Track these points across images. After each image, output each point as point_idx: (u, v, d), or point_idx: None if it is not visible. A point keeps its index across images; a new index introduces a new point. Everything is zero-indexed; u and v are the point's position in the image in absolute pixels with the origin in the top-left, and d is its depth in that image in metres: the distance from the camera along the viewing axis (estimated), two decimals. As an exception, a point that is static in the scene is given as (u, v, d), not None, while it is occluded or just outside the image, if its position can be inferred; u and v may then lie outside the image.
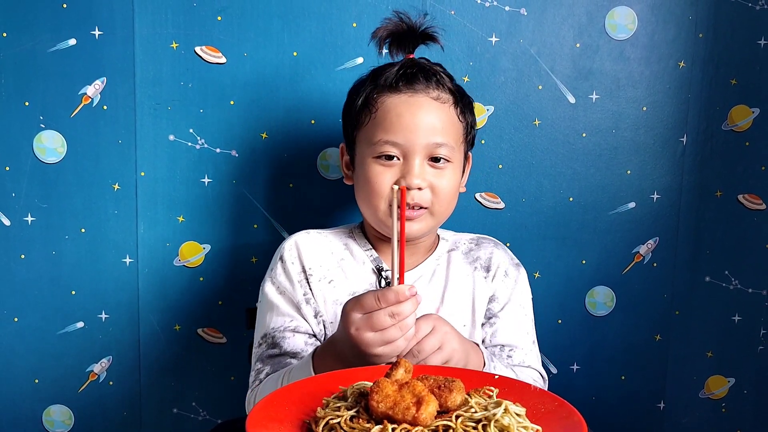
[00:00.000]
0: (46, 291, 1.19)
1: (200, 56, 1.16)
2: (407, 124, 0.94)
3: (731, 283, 1.27)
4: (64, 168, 1.17)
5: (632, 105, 1.22)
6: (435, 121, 0.95)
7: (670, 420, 1.30)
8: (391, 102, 0.95)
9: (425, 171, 0.95)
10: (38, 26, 1.14)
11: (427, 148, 0.94)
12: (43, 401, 1.22)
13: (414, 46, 1.00)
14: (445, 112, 0.96)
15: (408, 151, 0.94)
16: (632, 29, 1.20)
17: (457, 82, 1.00)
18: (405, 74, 0.96)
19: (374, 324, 0.77)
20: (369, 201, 0.97)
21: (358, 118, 0.98)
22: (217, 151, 1.18)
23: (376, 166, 0.95)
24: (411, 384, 0.65)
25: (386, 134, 0.94)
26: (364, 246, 1.03)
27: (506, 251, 1.07)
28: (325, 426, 0.66)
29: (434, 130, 0.94)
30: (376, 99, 0.96)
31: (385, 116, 0.95)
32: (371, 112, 0.96)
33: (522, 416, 0.66)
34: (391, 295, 0.77)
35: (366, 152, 0.96)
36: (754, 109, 1.23)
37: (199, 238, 1.20)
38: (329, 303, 1.00)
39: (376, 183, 0.95)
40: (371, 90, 0.97)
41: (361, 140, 0.98)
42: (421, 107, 0.95)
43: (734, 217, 1.25)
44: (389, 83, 0.96)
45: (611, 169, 1.23)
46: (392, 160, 0.95)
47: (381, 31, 0.99)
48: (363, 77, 1.01)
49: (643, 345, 1.28)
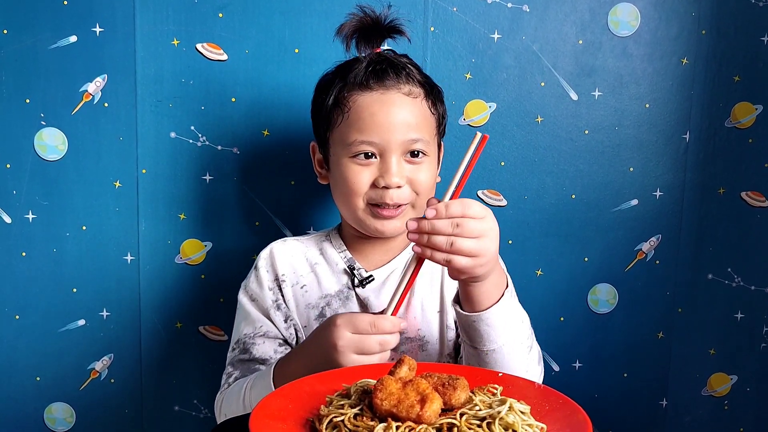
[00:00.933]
0: (47, 289, 1.19)
1: (201, 53, 1.16)
2: (381, 123, 0.93)
3: (734, 280, 1.27)
4: (65, 165, 1.17)
5: (635, 102, 1.21)
6: (409, 118, 0.94)
7: (672, 418, 1.30)
8: (363, 101, 0.94)
9: (403, 168, 0.95)
10: (39, 23, 1.13)
11: (403, 145, 0.94)
12: (44, 399, 1.22)
13: (381, 40, 1.00)
14: (417, 107, 0.96)
15: (384, 150, 0.94)
16: (635, 26, 1.19)
17: (424, 72, 1.00)
18: (375, 71, 0.95)
19: (363, 347, 0.81)
20: (347, 200, 0.97)
21: (329, 117, 0.97)
22: (219, 148, 1.18)
23: (353, 166, 0.95)
24: (415, 382, 0.65)
25: (361, 134, 0.93)
26: (338, 247, 1.04)
27: None
28: (328, 424, 0.65)
29: (409, 127, 0.94)
30: (347, 98, 0.95)
31: (358, 116, 0.94)
32: (343, 111, 0.95)
33: (526, 414, 0.66)
34: (387, 325, 0.82)
35: (341, 152, 0.96)
36: (758, 106, 1.23)
37: (200, 235, 1.20)
38: (302, 307, 1.01)
39: (354, 182, 0.95)
40: (341, 88, 0.96)
41: (335, 141, 0.97)
42: (394, 104, 0.94)
43: (737, 214, 1.25)
44: (359, 81, 0.94)
45: (614, 167, 1.23)
46: (369, 159, 0.94)
47: (346, 28, 0.98)
48: (329, 72, 1.00)
49: (645, 342, 1.28)
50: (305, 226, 1.21)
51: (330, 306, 1.00)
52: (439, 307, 1.01)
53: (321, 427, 0.65)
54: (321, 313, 1.00)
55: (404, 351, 0.99)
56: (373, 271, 1.01)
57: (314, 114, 1.02)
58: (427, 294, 1.01)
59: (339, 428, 0.65)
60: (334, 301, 1.00)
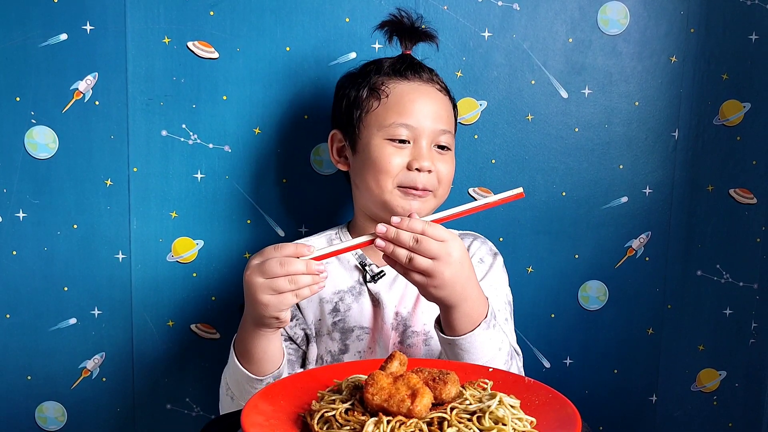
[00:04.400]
0: (39, 287, 1.19)
1: (193, 51, 1.16)
2: (420, 109, 1.00)
3: (723, 276, 1.28)
4: (55, 164, 1.16)
5: (624, 100, 1.22)
6: (441, 109, 1.02)
7: (662, 413, 1.31)
8: (402, 88, 1.01)
9: (433, 155, 1.01)
10: (29, 21, 1.13)
11: (434, 134, 1.00)
12: (35, 398, 1.21)
13: (414, 43, 1.07)
14: (446, 103, 1.04)
15: (418, 135, 1.00)
16: (624, 24, 1.20)
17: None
18: (411, 65, 1.03)
19: (264, 269, 0.81)
20: (377, 179, 1.00)
21: (365, 103, 1.02)
22: (210, 146, 1.18)
23: (389, 147, 0.99)
24: (406, 376, 0.66)
25: (400, 117, 0.99)
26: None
27: (486, 243, 1.10)
28: (320, 419, 0.66)
29: (440, 118, 1.01)
30: (386, 84, 1.02)
31: (398, 100, 1.00)
32: (381, 96, 1.01)
33: (516, 408, 0.67)
34: (289, 248, 0.82)
35: (377, 134, 1.00)
36: (746, 104, 1.24)
37: (192, 233, 1.20)
38: (315, 302, 1.03)
39: (388, 162, 0.99)
40: (378, 76, 1.03)
41: (370, 124, 1.01)
42: (429, 95, 1.02)
43: (725, 211, 1.26)
44: (397, 71, 1.03)
45: (604, 164, 1.23)
46: (404, 144, 1.00)
47: (388, 24, 1.06)
48: (354, 71, 1.07)
49: (635, 339, 1.29)
50: (297, 224, 1.21)
51: (343, 301, 1.03)
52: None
53: (312, 422, 0.66)
54: (335, 307, 1.03)
55: (409, 344, 1.02)
56: (385, 266, 1.03)
57: (345, 102, 1.05)
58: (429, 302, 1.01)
59: (330, 423, 0.65)
60: (347, 296, 1.03)
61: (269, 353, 0.90)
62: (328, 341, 1.03)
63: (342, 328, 1.02)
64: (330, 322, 1.03)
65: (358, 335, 1.02)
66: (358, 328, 1.02)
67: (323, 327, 1.03)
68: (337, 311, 1.03)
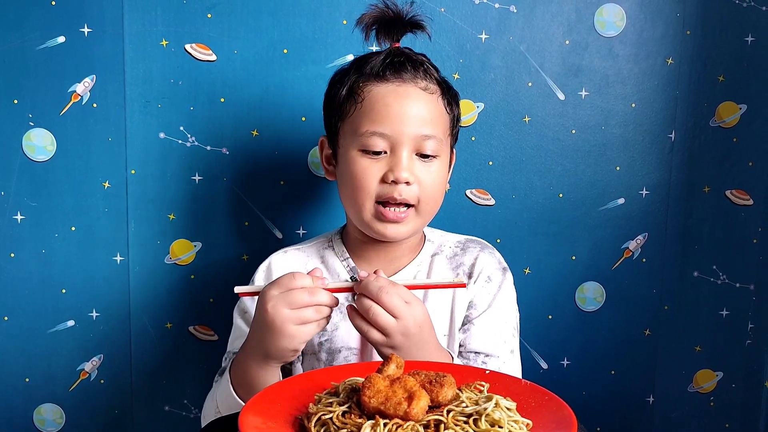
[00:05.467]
0: (37, 290, 1.19)
1: (190, 54, 1.16)
2: (396, 114, 0.90)
3: (719, 278, 1.28)
4: (53, 166, 1.17)
5: (621, 102, 1.23)
6: (423, 112, 0.92)
7: (659, 414, 1.31)
8: (378, 91, 0.92)
9: (413, 164, 0.92)
10: (27, 23, 1.13)
11: (415, 140, 0.91)
12: (34, 400, 1.22)
13: (401, 35, 0.97)
14: (433, 103, 0.94)
15: (396, 143, 0.91)
16: (621, 26, 1.21)
17: (442, 75, 0.99)
18: (392, 63, 0.93)
19: (293, 300, 0.79)
20: (354, 198, 0.93)
21: (342, 108, 0.94)
22: (208, 148, 1.18)
23: (362, 160, 0.92)
24: (402, 379, 0.66)
25: (373, 125, 0.91)
26: (341, 255, 1.01)
27: (493, 255, 1.03)
28: (317, 422, 0.66)
29: (423, 121, 0.92)
30: (362, 88, 0.93)
31: (372, 106, 0.91)
32: (356, 101, 0.93)
33: (513, 410, 0.67)
34: (308, 278, 0.81)
35: (351, 144, 0.93)
36: (742, 106, 1.24)
37: (189, 235, 1.20)
38: None
39: (362, 178, 0.91)
40: (356, 79, 0.94)
41: (346, 131, 0.94)
42: (409, 97, 0.92)
43: (722, 212, 1.27)
44: (375, 72, 0.93)
45: (600, 166, 1.24)
46: (380, 155, 0.92)
47: (367, 18, 0.96)
48: (345, 67, 0.98)
49: (632, 340, 1.29)
50: (295, 226, 1.21)
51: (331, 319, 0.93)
52: (448, 331, 0.99)
53: (310, 425, 0.66)
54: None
55: None
56: None
57: (326, 106, 0.99)
58: (436, 317, 0.96)
59: (327, 426, 0.65)
60: (334, 314, 0.94)
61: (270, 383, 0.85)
62: (314, 361, 0.99)
63: (329, 349, 0.97)
64: (316, 342, 0.98)
65: (346, 356, 0.97)
66: (346, 349, 0.97)
67: (309, 347, 0.98)
68: (324, 330, 0.96)
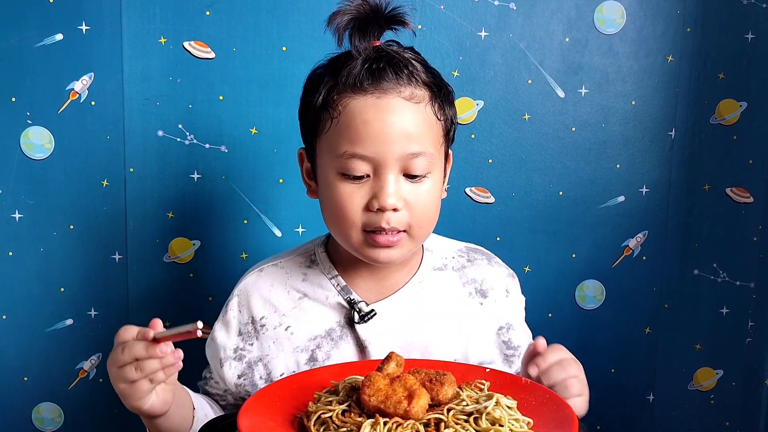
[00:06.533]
0: (35, 288, 1.19)
1: (189, 51, 1.15)
2: (377, 133, 0.78)
3: (719, 275, 1.28)
4: (51, 164, 1.16)
5: (621, 99, 1.22)
6: (410, 126, 0.79)
7: (659, 412, 1.31)
8: (355, 105, 0.79)
9: (401, 187, 0.80)
10: (25, 21, 1.13)
11: (401, 160, 0.79)
12: (32, 399, 1.21)
13: (380, 32, 0.83)
14: (420, 114, 0.80)
15: (379, 165, 0.79)
16: (621, 24, 1.20)
17: (431, 68, 0.85)
18: (371, 69, 0.79)
19: (114, 358, 0.73)
20: (338, 227, 0.83)
21: (317, 122, 0.82)
22: (207, 146, 1.18)
23: (343, 185, 0.80)
24: (402, 378, 0.66)
25: (352, 146, 0.78)
26: (328, 272, 0.89)
27: (499, 264, 0.95)
28: (317, 420, 0.66)
29: (409, 138, 0.79)
30: (337, 101, 0.80)
31: (349, 123, 0.79)
32: (332, 116, 0.80)
33: (513, 409, 0.67)
34: (132, 330, 0.73)
35: (330, 165, 0.81)
36: (742, 103, 1.24)
37: (188, 234, 1.20)
38: (288, 352, 0.87)
39: (344, 206, 0.80)
40: (331, 88, 0.81)
41: (323, 150, 0.82)
42: (391, 111, 0.78)
43: (722, 210, 1.26)
44: (352, 81, 0.79)
45: (600, 163, 1.23)
46: (362, 179, 0.80)
47: (340, 17, 0.81)
48: (320, 66, 0.85)
49: (632, 338, 1.29)
50: (294, 224, 1.21)
51: (321, 348, 0.86)
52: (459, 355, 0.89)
53: (309, 423, 0.66)
54: (312, 356, 0.86)
55: None
56: (374, 304, 0.87)
57: (302, 116, 0.87)
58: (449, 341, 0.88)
59: (327, 425, 0.65)
60: (324, 342, 0.86)
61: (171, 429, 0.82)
62: None
63: None
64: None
65: None
66: None
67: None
68: (315, 360, 0.86)
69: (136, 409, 0.75)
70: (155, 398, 0.75)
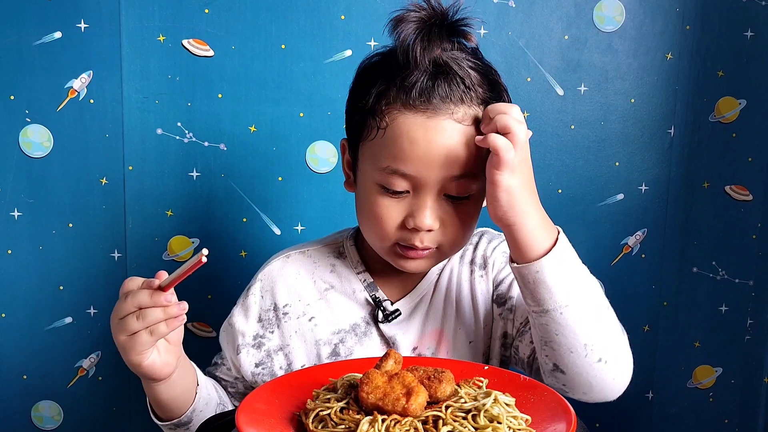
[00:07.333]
0: (34, 286, 1.19)
1: (188, 49, 1.15)
2: (422, 154, 0.75)
3: (718, 273, 1.28)
4: (50, 162, 1.16)
5: (620, 97, 1.22)
6: (457, 149, 0.76)
7: (658, 410, 1.31)
8: (404, 122, 0.76)
9: (438, 207, 0.78)
10: (23, 19, 1.13)
11: (443, 182, 0.77)
12: (31, 397, 1.21)
13: (441, 43, 0.78)
14: (471, 136, 0.76)
15: (419, 184, 0.77)
16: (620, 21, 1.20)
17: (492, 77, 0.81)
18: (425, 86, 0.76)
19: (117, 309, 0.72)
20: (372, 234, 0.82)
21: (363, 126, 0.80)
22: (206, 144, 1.18)
23: (381, 199, 0.79)
24: (401, 375, 0.66)
25: (395, 162, 0.76)
26: (356, 267, 0.89)
27: (489, 231, 0.94)
28: (315, 418, 0.66)
29: (455, 161, 0.76)
30: (386, 111, 0.77)
31: (395, 138, 0.76)
32: (379, 126, 0.77)
33: (511, 406, 0.67)
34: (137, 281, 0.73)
35: (370, 174, 0.79)
36: (741, 101, 1.24)
37: (187, 232, 1.20)
38: (310, 344, 0.87)
39: (381, 220, 0.79)
40: (381, 93, 0.77)
41: (366, 156, 0.81)
42: (440, 132, 0.75)
43: (721, 208, 1.26)
44: (403, 94, 0.76)
45: (600, 161, 1.23)
46: (400, 194, 0.78)
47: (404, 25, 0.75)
48: (376, 56, 0.82)
49: (631, 336, 1.28)
50: (293, 222, 1.21)
51: (344, 343, 0.86)
52: (473, 336, 0.89)
53: (307, 421, 0.66)
54: (334, 350, 0.86)
55: None
56: (397, 302, 0.87)
57: (348, 111, 0.84)
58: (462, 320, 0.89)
59: (325, 422, 0.65)
60: (348, 337, 0.86)
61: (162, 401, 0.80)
62: None
63: None
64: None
65: None
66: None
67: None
68: (337, 355, 0.86)
69: (135, 365, 0.73)
70: (156, 356, 0.74)
